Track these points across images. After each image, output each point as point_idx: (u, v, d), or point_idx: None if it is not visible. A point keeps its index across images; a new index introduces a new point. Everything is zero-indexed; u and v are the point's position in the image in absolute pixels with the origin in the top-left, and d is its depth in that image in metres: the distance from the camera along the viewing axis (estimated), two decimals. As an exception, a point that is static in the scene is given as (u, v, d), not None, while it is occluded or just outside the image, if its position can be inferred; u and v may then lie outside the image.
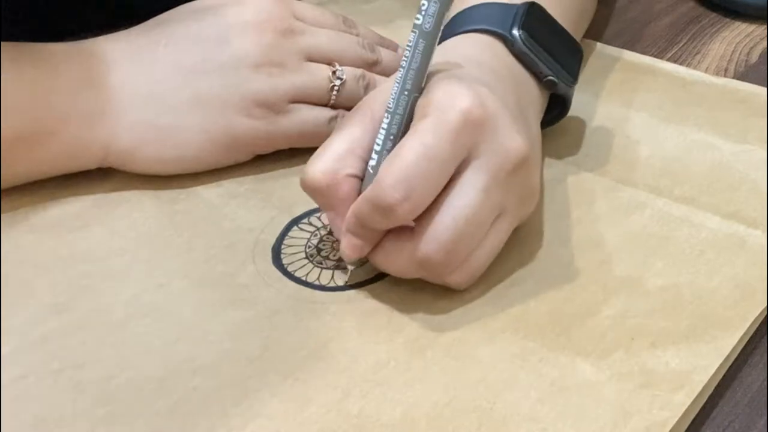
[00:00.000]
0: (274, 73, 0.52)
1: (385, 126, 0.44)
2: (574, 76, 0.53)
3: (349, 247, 0.44)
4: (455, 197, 0.42)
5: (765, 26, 0.70)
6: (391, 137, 0.44)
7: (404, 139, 0.42)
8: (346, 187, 0.44)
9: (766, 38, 0.69)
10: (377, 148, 0.44)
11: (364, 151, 0.44)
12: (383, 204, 0.41)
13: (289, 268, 0.47)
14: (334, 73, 0.53)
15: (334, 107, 0.54)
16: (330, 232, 0.49)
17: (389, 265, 0.44)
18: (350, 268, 0.46)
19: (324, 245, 0.48)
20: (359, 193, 0.44)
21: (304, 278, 0.46)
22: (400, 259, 0.43)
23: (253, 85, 0.51)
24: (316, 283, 0.46)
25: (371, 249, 0.44)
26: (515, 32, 0.49)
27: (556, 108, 0.54)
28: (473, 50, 0.49)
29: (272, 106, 0.52)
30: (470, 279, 0.44)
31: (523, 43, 0.49)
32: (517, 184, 0.44)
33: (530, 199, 0.46)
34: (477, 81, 0.44)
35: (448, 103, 0.42)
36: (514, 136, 0.43)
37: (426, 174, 0.41)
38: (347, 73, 0.54)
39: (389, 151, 0.43)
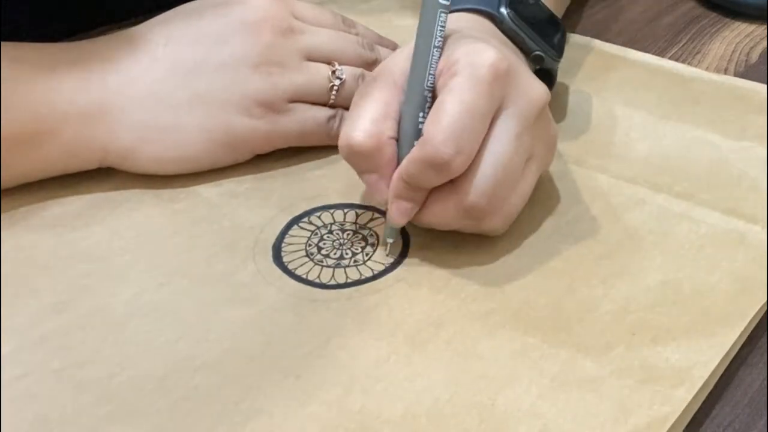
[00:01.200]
0: (274, 73, 0.52)
1: (427, 85, 0.45)
2: (558, 51, 0.56)
3: (398, 211, 0.46)
4: (492, 146, 0.44)
5: (765, 26, 0.70)
6: (430, 95, 0.45)
7: (442, 97, 0.44)
8: (389, 149, 0.46)
9: (766, 38, 0.69)
10: (427, 105, 0.45)
11: (396, 114, 0.46)
12: (438, 161, 0.43)
13: (290, 266, 0.47)
14: (333, 72, 0.54)
15: (333, 106, 0.54)
16: (330, 231, 0.49)
17: (435, 219, 0.46)
18: (389, 241, 0.47)
19: (324, 244, 0.48)
20: (397, 154, 0.46)
21: (304, 276, 0.46)
22: (445, 211, 0.45)
23: (252, 84, 0.51)
24: (317, 281, 0.46)
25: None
26: (503, 10, 0.52)
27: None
28: (467, 25, 0.51)
29: (272, 106, 0.52)
30: (506, 223, 0.46)
31: (512, 20, 0.52)
32: (542, 129, 0.47)
33: (552, 147, 0.49)
34: (488, 41, 0.46)
35: (475, 59, 0.44)
36: (534, 84, 0.46)
37: (471, 127, 0.43)
38: (347, 72, 0.54)
39: (430, 107, 0.45)
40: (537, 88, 0.46)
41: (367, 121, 0.45)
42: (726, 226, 0.49)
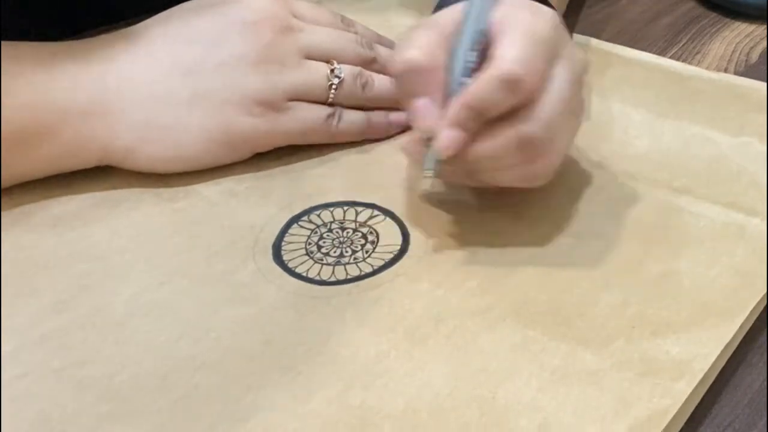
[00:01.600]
0: (273, 72, 0.52)
1: (481, 27, 0.46)
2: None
3: (449, 140, 0.44)
4: (553, 84, 0.45)
5: (765, 26, 0.70)
6: (482, 40, 0.46)
7: (508, 31, 0.45)
8: (442, 74, 0.45)
9: (766, 38, 0.69)
10: (478, 47, 0.45)
11: (446, 49, 0.46)
12: (513, 77, 0.43)
13: (290, 265, 0.47)
14: (332, 71, 0.54)
15: (332, 105, 0.54)
16: (330, 229, 0.49)
17: (485, 150, 0.45)
18: (429, 173, 0.46)
19: (324, 242, 0.48)
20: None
21: (305, 274, 0.46)
22: (502, 142, 0.45)
23: (252, 83, 0.51)
24: (317, 278, 0.46)
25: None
26: None
27: None
28: None
29: (271, 105, 0.52)
30: (551, 171, 0.47)
31: None
32: (581, 94, 0.48)
33: (583, 115, 0.49)
34: None
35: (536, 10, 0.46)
36: (577, 48, 0.48)
37: (540, 54, 0.44)
38: (345, 71, 0.54)
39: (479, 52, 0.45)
40: (580, 52, 0.47)
41: (423, 41, 0.46)
42: (725, 220, 0.49)
